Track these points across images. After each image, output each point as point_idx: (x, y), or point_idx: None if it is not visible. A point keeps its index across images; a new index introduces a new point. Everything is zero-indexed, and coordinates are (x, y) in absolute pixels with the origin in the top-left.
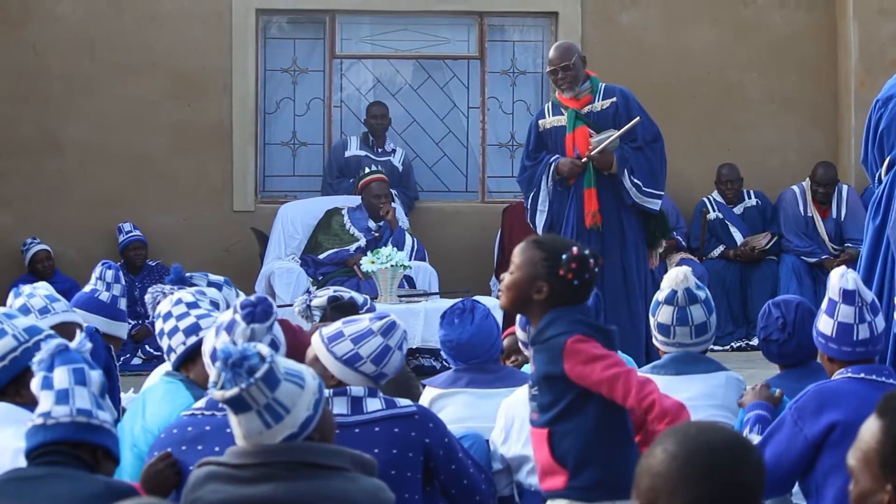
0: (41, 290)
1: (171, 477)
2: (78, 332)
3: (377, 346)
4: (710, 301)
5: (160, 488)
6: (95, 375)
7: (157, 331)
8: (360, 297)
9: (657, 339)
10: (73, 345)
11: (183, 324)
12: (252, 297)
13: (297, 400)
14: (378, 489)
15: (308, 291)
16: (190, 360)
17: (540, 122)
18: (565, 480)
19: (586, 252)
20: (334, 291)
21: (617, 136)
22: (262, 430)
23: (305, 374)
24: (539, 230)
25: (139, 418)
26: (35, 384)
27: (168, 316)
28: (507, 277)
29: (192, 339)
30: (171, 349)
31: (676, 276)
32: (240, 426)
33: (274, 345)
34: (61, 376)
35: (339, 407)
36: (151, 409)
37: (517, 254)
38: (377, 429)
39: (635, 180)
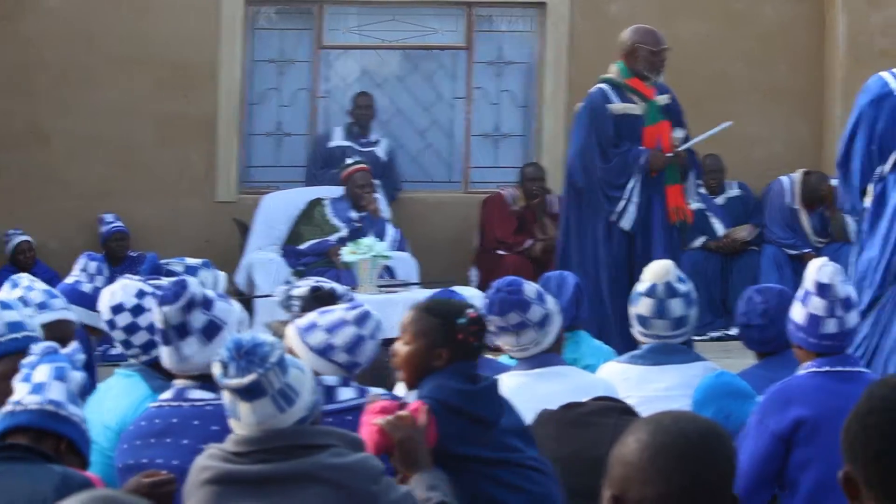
0: (39, 283)
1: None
2: (93, 336)
3: (351, 335)
4: (692, 294)
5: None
6: (77, 376)
7: (107, 320)
8: (340, 288)
9: (636, 330)
10: (65, 350)
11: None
12: (168, 282)
13: (303, 384)
14: (368, 458)
15: (288, 282)
16: None
17: (610, 106)
18: None
19: (481, 312)
20: (315, 282)
21: (709, 134)
22: (275, 415)
23: (300, 361)
24: (626, 222)
25: (96, 415)
26: (17, 378)
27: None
28: (401, 350)
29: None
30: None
31: (658, 270)
32: (252, 413)
33: (215, 325)
34: (41, 372)
35: None
36: (108, 404)
37: (409, 324)
38: (349, 417)
39: (697, 181)
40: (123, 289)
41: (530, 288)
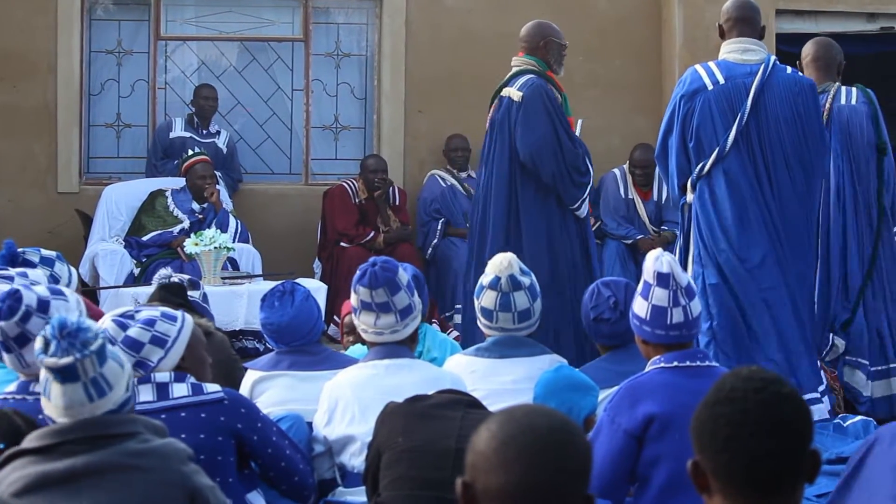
0: None
1: None
2: None
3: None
4: (536, 287)
5: None
6: None
7: None
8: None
9: (481, 323)
10: None
11: None
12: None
13: (119, 379)
14: (172, 442)
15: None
16: None
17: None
18: None
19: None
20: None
21: (578, 132)
22: (83, 403)
23: (122, 356)
24: (583, 209)
25: None
26: None
27: None
28: None
29: None
30: None
31: (500, 263)
32: (62, 396)
33: None
34: None
35: (145, 394)
36: None
37: None
38: (183, 414)
39: None
40: None
41: (403, 274)
